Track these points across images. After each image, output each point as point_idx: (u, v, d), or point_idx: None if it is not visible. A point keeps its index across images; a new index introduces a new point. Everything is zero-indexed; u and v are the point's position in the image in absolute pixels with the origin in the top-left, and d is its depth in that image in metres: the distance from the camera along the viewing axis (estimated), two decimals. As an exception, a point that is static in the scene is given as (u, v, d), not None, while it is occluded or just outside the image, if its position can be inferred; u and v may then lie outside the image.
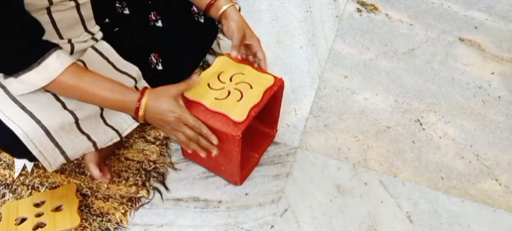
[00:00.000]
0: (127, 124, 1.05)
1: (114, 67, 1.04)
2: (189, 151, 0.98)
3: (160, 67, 1.10)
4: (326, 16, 1.52)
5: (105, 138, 1.01)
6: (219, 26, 1.03)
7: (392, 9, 1.54)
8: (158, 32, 1.11)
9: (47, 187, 1.10)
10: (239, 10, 1.03)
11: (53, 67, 0.83)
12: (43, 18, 0.89)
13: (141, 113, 0.87)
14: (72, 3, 0.91)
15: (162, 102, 0.87)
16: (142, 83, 1.09)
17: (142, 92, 0.88)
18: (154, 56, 1.09)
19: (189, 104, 0.94)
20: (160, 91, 0.89)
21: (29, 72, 0.82)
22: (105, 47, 1.03)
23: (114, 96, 0.87)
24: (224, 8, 1.00)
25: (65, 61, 0.85)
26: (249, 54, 1.05)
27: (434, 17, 1.51)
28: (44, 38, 0.86)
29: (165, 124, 0.89)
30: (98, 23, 1.02)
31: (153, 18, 1.11)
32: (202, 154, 0.93)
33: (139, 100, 0.87)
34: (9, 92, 0.91)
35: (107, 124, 1.02)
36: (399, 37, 1.46)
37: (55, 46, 0.85)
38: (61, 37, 0.95)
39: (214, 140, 0.92)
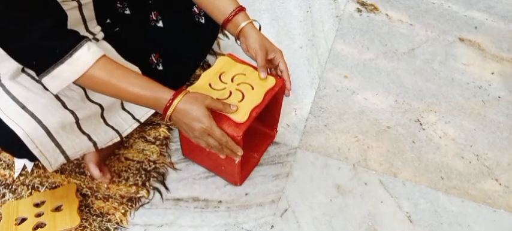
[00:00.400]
0: (127, 124, 1.06)
1: None
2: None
3: (160, 67, 1.10)
4: (326, 16, 1.52)
5: (106, 138, 1.01)
6: (237, 43, 1.00)
7: (392, 9, 1.54)
8: (159, 32, 1.11)
9: (47, 187, 1.10)
10: (259, 28, 1.00)
11: (85, 58, 0.81)
12: None
13: (169, 112, 0.85)
14: (75, 3, 0.91)
15: (194, 108, 0.85)
16: None
17: (177, 93, 0.86)
18: (154, 56, 1.09)
19: None
20: (195, 97, 0.87)
21: (61, 65, 0.79)
22: (106, 47, 1.03)
23: (147, 93, 0.85)
24: (242, 25, 0.96)
25: (95, 52, 0.82)
26: (270, 67, 1.02)
27: (434, 17, 1.51)
28: None
29: (190, 130, 0.88)
30: (99, 23, 1.02)
31: (154, 18, 1.11)
32: (222, 156, 0.93)
33: (172, 100, 0.85)
34: (10, 91, 0.91)
35: (107, 124, 1.02)
36: (399, 37, 1.46)
37: (85, 37, 0.83)
38: None
39: (240, 152, 0.92)
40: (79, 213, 1.04)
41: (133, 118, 1.07)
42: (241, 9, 0.98)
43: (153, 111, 1.10)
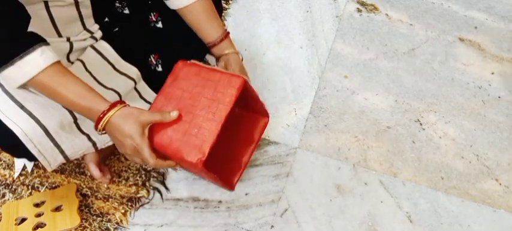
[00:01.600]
0: None
1: (113, 68, 1.04)
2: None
3: (160, 68, 1.10)
4: (326, 16, 1.52)
5: (105, 138, 1.01)
6: (217, 63, 1.05)
7: (392, 9, 1.54)
8: (158, 33, 1.11)
9: (47, 187, 1.10)
10: (241, 60, 1.05)
11: (35, 63, 0.80)
12: (41, 14, 0.89)
13: (100, 125, 0.84)
14: (71, 0, 0.91)
15: (127, 123, 0.83)
16: (142, 85, 1.09)
17: (113, 105, 0.85)
18: (154, 57, 1.09)
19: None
20: (130, 112, 0.85)
21: (10, 66, 0.79)
22: (105, 47, 1.03)
23: (81, 102, 0.84)
24: (226, 51, 1.03)
25: (48, 58, 0.81)
26: None
27: (434, 17, 1.51)
28: (43, 35, 0.85)
29: (121, 146, 0.86)
30: (97, 22, 1.01)
31: (154, 19, 1.11)
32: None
33: (105, 112, 0.84)
34: (8, 91, 0.90)
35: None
36: (399, 37, 1.46)
37: (42, 41, 0.82)
38: (59, 35, 0.95)
39: (171, 163, 0.91)
40: (79, 213, 1.04)
41: None
42: (227, 35, 1.04)
43: None
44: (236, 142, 1.07)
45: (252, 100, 1.03)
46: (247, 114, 1.10)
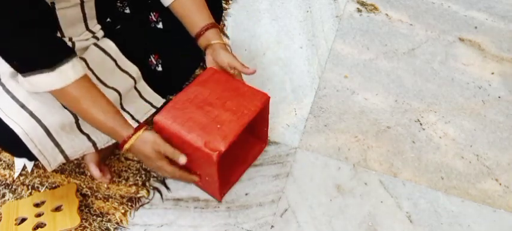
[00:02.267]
0: None
1: (115, 64, 1.04)
2: None
3: (160, 68, 1.10)
4: (326, 16, 1.52)
5: (105, 138, 1.01)
6: (205, 57, 1.04)
7: (392, 9, 1.54)
8: (158, 33, 1.11)
9: (47, 187, 1.10)
10: (230, 51, 1.04)
11: (66, 75, 0.83)
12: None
13: (124, 150, 0.90)
14: (77, 1, 0.91)
15: (146, 149, 0.90)
16: (142, 84, 1.09)
17: (135, 131, 0.89)
18: (154, 57, 1.09)
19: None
20: (144, 141, 0.89)
21: (40, 74, 0.82)
22: (108, 44, 1.03)
23: (107, 123, 0.88)
24: (212, 42, 1.01)
25: (79, 71, 0.85)
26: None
27: (434, 17, 1.51)
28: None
29: (146, 164, 0.97)
30: (99, 22, 1.02)
31: (154, 19, 1.11)
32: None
33: (129, 138, 0.89)
34: (9, 90, 0.91)
35: (107, 125, 1.02)
36: (399, 37, 1.46)
37: (73, 52, 0.85)
38: (62, 35, 0.95)
39: (195, 178, 0.99)
40: (79, 213, 1.04)
41: (133, 118, 1.07)
42: (213, 25, 1.02)
43: (152, 111, 1.10)
44: (232, 158, 1.08)
45: (261, 120, 1.07)
46: (246, 136, 1.12)
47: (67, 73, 0.83)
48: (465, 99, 1.30)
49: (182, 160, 0.90)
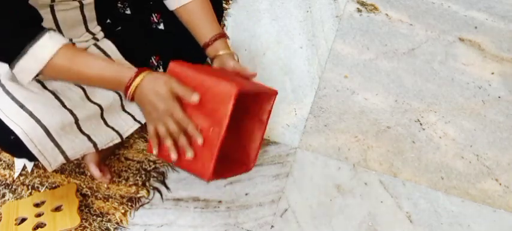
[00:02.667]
0: (128, 126, 1.05)
1: None
2: (154, 152, 0.90)
3: (161, 70, 1.10)
4: (326, 16, 1.52)
5: (106, 139, 1.01)
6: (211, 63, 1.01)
7: (392, 9, 1.54)
8: (160, 34, 1.11)
9: (47, 187, 1.10)
10: (237, 60, 1.00)
11: (46, 48, 0.82)
12: (46, 17, 0.89)
13: (131, 89, 0.84)
14: (76, 3, 0.91)
15: (159, 85, 0.83)
16: None
17: (141, 70, 0.85)
18: (154, 59, 1.09)
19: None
20: (157, 76, 0.85)
21: (24, 56, 0.81)
22: (108, 45, 1.03)
23: (107, 74, 0.85)
24: (220, 52, 0.98)
25: (57, 41, 0.83)
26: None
27: (434, 17, 1.51)
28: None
29: (153, 109, 0.84)
30: (99, 23, 1.02)
31: (155, 20, 1.11)
32: (173, 156, 0.86)
33: (135, 76, 0.84)
34: (9, 91, 0.91)
35: (107, 126, 1.02)
36: (399, 37, 1.46)
37: (46, 29, 0.84)
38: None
39: (199, 140, 0.85)
40: (79, 213, 1.04)
41: (134, 119, 1.07)
42: (221, 35, 1.00)
43: None
44: (234, 140, 1.01)
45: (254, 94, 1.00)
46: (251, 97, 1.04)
47: (47, 46, 0.82)
48: (465, 99, 1.30)
49: (195, 97, 0.84)
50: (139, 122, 1.07)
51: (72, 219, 1.03)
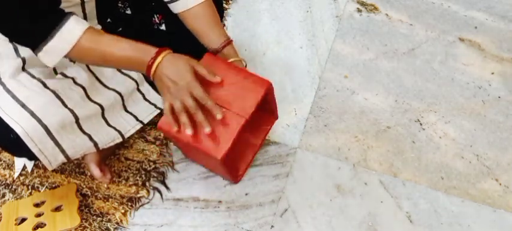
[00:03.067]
0: (130, 126, 1.05)
1: None
2: (168, 128, 0.91)
3: None
4: (326, 16, 1.52)
5: (107, 139, 1.01)
6: None
7: (392, 9, 1.54)
8: (161, 35, 1.11)
9: (47, 187, 1.10)
10: (245, 66, 1.03)
11: (73, 30, 0.84)
12: None
13: (154, 67, 0.86)
14: (77, 0, 0.91)
15: (180, 63, 0.86)
16: (146, 87, 1.09)
17: (162, 50, 0.87)
18: None
19: None
20: (179, 56, 0.88)
21: (52, 39, 0.82)
22: None
23: (128, 53, 0.87)
24: (230, 60, 0.99)
25: (83, 24, 0.85)
26: None
27: (434, 17, 1.51)
28: None
29: (172, 84, 0.86)
30: (100, 22, 1.02)
31: (157, 21, 1.11)
32: (189, 131, 0.88)
33: (156, 56, 0.86)
34: (10, 90, 0.91)
35: (109, 125, 1.02)
36: (399, 37, 1.46)
37: (70, 13, 0.86)
38: None
39: (219, 115, 0.87)
40: (79, 213, 1.04)
41: (137, 119, 1.07)
42: (229, 41, 1.00)
43: (156, 112, 1.10)
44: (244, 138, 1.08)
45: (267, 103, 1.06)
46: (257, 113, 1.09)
47: (74, 29, 0.84)
48: (465, 99, 1.30)
49: (217, 78, 0.89)
50: (141, 122, 1.07)
51: (72, 219, 1.03)
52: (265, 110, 1.11)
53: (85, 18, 0.96)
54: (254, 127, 1.12)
